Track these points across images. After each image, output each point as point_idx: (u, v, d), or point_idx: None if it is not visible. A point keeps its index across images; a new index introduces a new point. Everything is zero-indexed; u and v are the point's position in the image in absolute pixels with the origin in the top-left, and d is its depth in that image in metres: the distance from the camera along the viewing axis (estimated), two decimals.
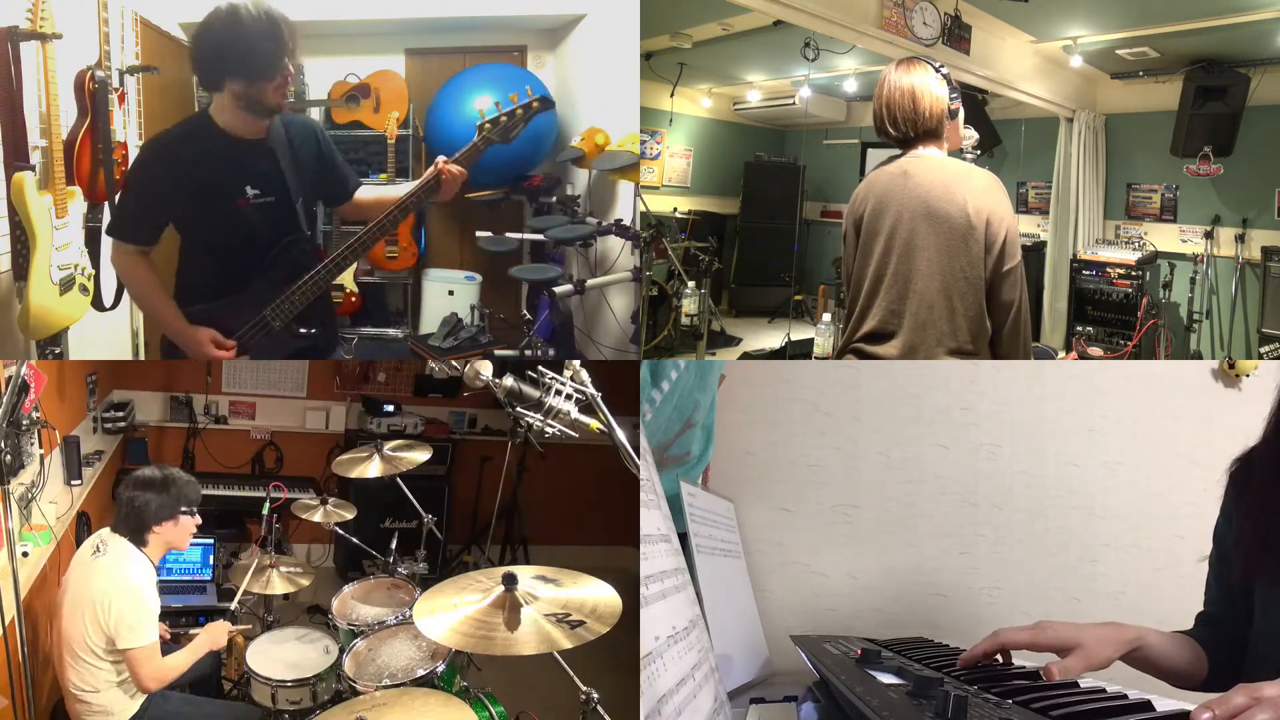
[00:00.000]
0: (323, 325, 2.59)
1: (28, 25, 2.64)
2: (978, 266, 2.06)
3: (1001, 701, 1.16)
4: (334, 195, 2.67)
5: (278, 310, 2.41)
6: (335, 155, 2.61)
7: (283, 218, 2.43)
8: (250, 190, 2.36)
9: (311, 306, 2.46)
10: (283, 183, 2.41)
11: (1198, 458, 2.98)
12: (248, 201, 2.36)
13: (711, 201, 7.99)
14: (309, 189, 2.52)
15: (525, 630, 1.73)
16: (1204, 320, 5.74)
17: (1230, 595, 1.60)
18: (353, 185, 2.66)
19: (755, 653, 2.35)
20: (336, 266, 2.42)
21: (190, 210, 2.38)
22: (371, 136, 4.99)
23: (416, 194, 2.46)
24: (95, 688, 2.31)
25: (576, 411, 1.70)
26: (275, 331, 2.44)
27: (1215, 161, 5.50)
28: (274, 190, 2.40)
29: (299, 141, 2.47)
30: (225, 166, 2.34)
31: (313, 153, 2.51)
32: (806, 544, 2.79)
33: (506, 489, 4.57)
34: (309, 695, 2.57)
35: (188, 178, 2.33)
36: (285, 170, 2.41)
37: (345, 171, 2.66)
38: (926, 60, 2.17)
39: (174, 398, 4.66)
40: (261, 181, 2.38)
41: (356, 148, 5.03)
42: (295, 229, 2.46)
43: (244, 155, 2.35)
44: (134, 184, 2.52)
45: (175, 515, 2.50)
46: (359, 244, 2.42)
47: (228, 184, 2.35)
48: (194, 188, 2.33)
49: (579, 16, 4.89)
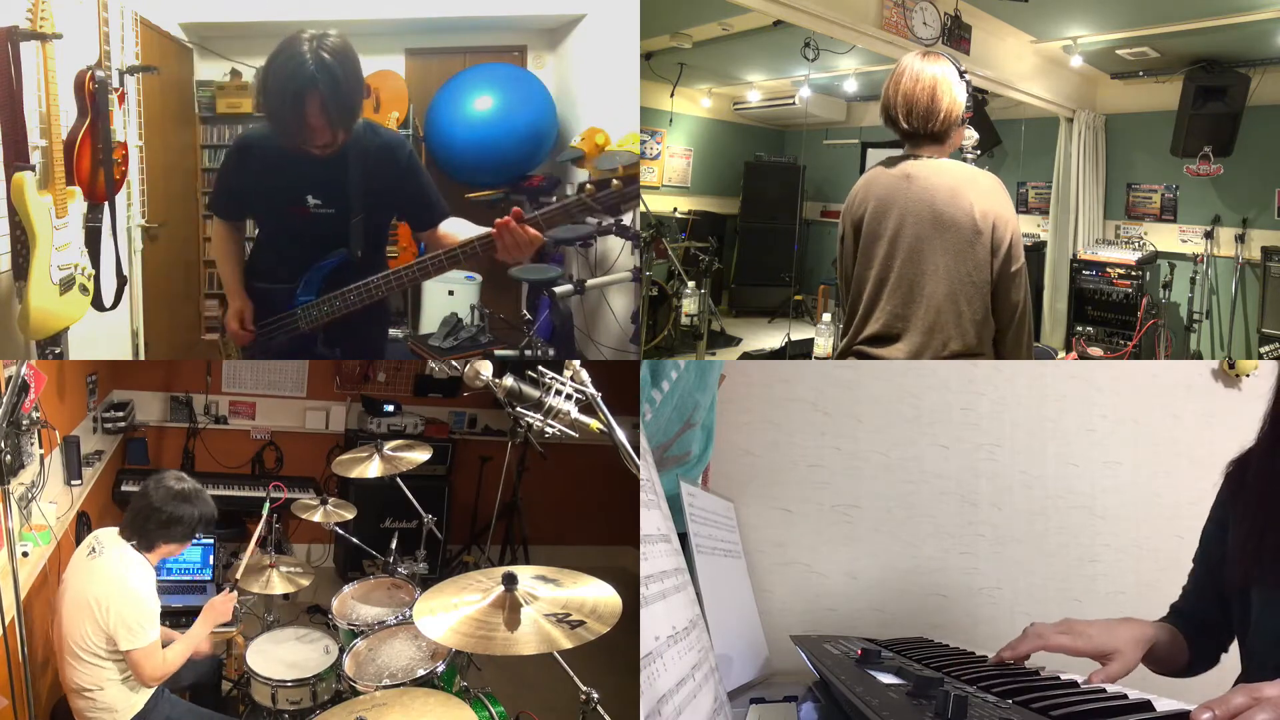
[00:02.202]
0: (351, 342, 2.64)
1: (28, 25, 2.64)
2: (984, 270, 2.06)
3: (1001, 701, 1.16)
4: (414, 219, 2.63)
5: (307, 314, 2.50)
6: (419, 179, 2.56)
7: (338, 230, 2.47)
8: (312, 200, 2.45)
9: (353, 324, 2.50)
10: (344, 196, 2.44)
11: (1198, 458, 2.98)
12: (308, 210, 2.45)
13: (711, 201, 7.99)
14: (378, 207, 2.52)
15: (525, 630, 1.73)
16: (1204, 320, 5.74)
17: (1207, 598, 1.64)
18: (438, 215, 2.57)
19: (755, 653, 2.35)
20: (376, 290, 2.42)
21: (260, 206, 2.61)
22: None
23: (466, 249, 2.30)
24: (99, 685, 2.31)
25: (576, 411, 1.70)
26: (302, 333, 2.52)
27: (1215, 161, 5.50)
28: (334, 202, 2.45)
29: (375, 158, 2.46)
30: (291, 174, 2.43)
31: (389, 172, 2.48)
32: (806, 544, 2.79)
33: (506, 489, 4.57)
34: (309, 695, 2.57)
35: (258, 178, 2.50)
36: (350, 185, 2.43)
37: (430, 198, 2.58)
38: (951, 59, 2.13)
39: (174, 398, 4.66)
40: (325, 192, 2.44)
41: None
42: (345, 243, 2.48)
43: (311, 166, 2.39)
44: (221, 171, 2.80)
45: (186, 541, 2.52)
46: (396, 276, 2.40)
47: (291, 191, 2.45)
48: (263, 188, 2.51)
49: (579, 16, 4.89)
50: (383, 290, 2.42)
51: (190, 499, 2.48)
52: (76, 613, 2.29)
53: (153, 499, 2.45)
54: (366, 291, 2.42)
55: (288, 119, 2.26)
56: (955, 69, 2.12)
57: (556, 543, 4.74)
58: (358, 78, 2.33)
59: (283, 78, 2.23)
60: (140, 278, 4.05)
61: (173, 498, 2.45)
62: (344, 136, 2.33)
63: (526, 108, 4.82)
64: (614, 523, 4.29)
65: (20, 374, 2.38)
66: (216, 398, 4.79)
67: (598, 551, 4.57)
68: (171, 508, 2.44)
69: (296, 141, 2.30)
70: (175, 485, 2.49)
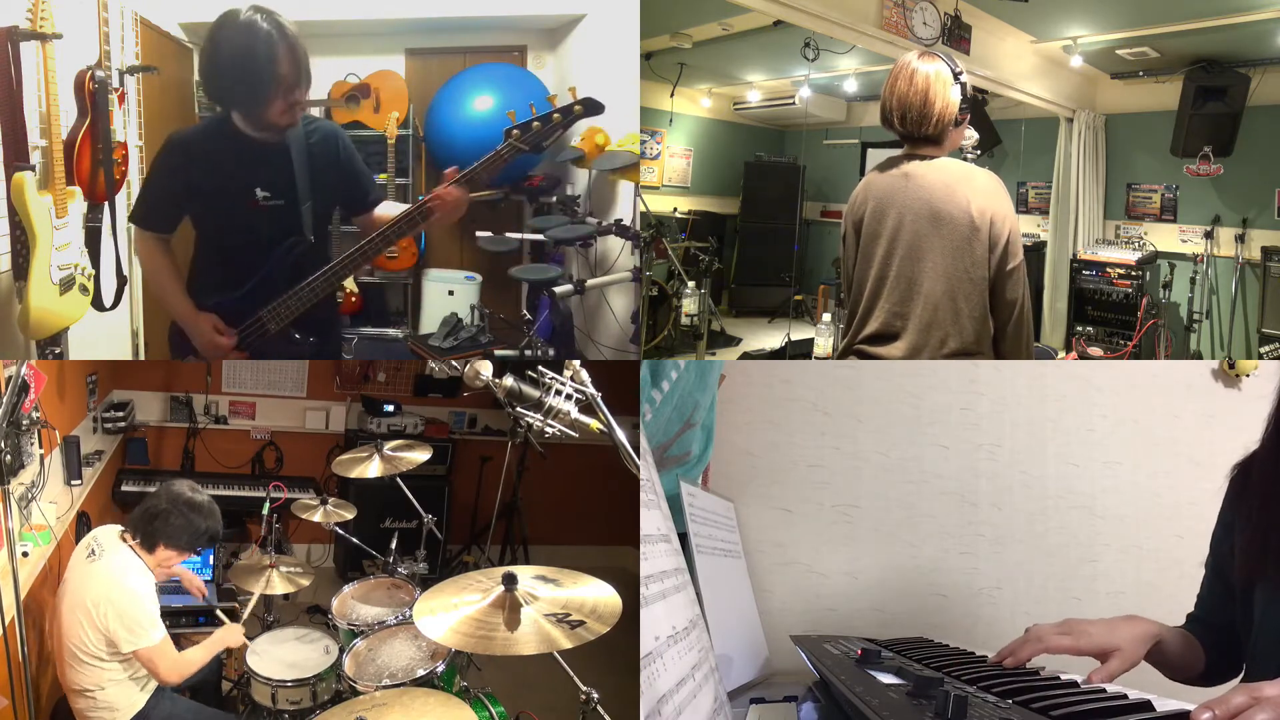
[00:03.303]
0: (322, 332, 2.61)
1: (28, 25, 2.63)
2: (982, 267, 2.06)
3: (1001, 701, 1.16)
4: (350, 204, 2.65)
5: (274, 312, 2.43)
6: (355, 164, 2.60)
7: (289, 220, 2.45)
8: (260, 192, 2.40)
9: (314, 312, 2.46)
10: (292, 185, 2.43)
11: (1198, 458, 2.98)
12: (257, 203, 2.40)
13: (711, 201, 7.99)
14: (322, 194, 2.52)
15: (525, 630, 1.73)
16: (1204, 320, 5.74)
17: (1220, 602, 1.61)
18: (373, 198, 2.63)
19: (755, 653, 2.35)
20: (334, 276, 2.41)
21: (203, 207, 2.47)
22: (371, 137, 4.99)
23: (407, 218, 2.37)
24: (99, 685, 2.31)
25: (576, 411, 1.70)
26: (271, 333, 2.46)
27: (1215, 161, 5.50)
28: (283, 193, 2.42)
29: (318, 146, 2.48)
30: (238, 168, 2.39)
31: (331, 159, 2.51)
32: (806, 544, 2.79)
33: (506, 489, 4.57)
34: (309, 695, 2.57)
35: (202, 176, 2.41)
36: (297, 173, 2.42)
37: (366, 183, 2.64)
38: (947, 61, 2.13)
39: (174, 398, 4.66)
40: (272, 184, 2.41)
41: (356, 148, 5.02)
42: (298, 231, 2.46)
43: (257, 157, 2.38)
44: (153, 176, 2.59)
45: (188, 551, 2.52)
46: (350, 259, 2.40)
47: (239, 185, 2.40)
48: (207, 186, 2.42)
49: (579, 16, 4.89)
50: (347, 270, 2.41)
51: (202, 511, 2.50)
52: (75, 615, 2.29)
53: (165, 501, 2.47)
54: (332, 275, 2.40)
55: (253, 82, 2.25)
56: (950, 70, 2.11)
57: (556, 543, 4.74)
58: (305, 51, 2.32)
59: (243, 41, 2.22)
60: (140, 278, 4.05)
61: (185, 505, 2.48)
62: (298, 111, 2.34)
63: (526, 108, 4.82)
64: (614, 523, 4.29)
65: (20, 374, 2.37)
66: (216, 398, 4.78)
67: (598, 551, 4.56)
68: (183, 513, 2.46)
69: (259, 110, 2.28)
70: (190, 494, 2.51)
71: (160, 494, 2.50)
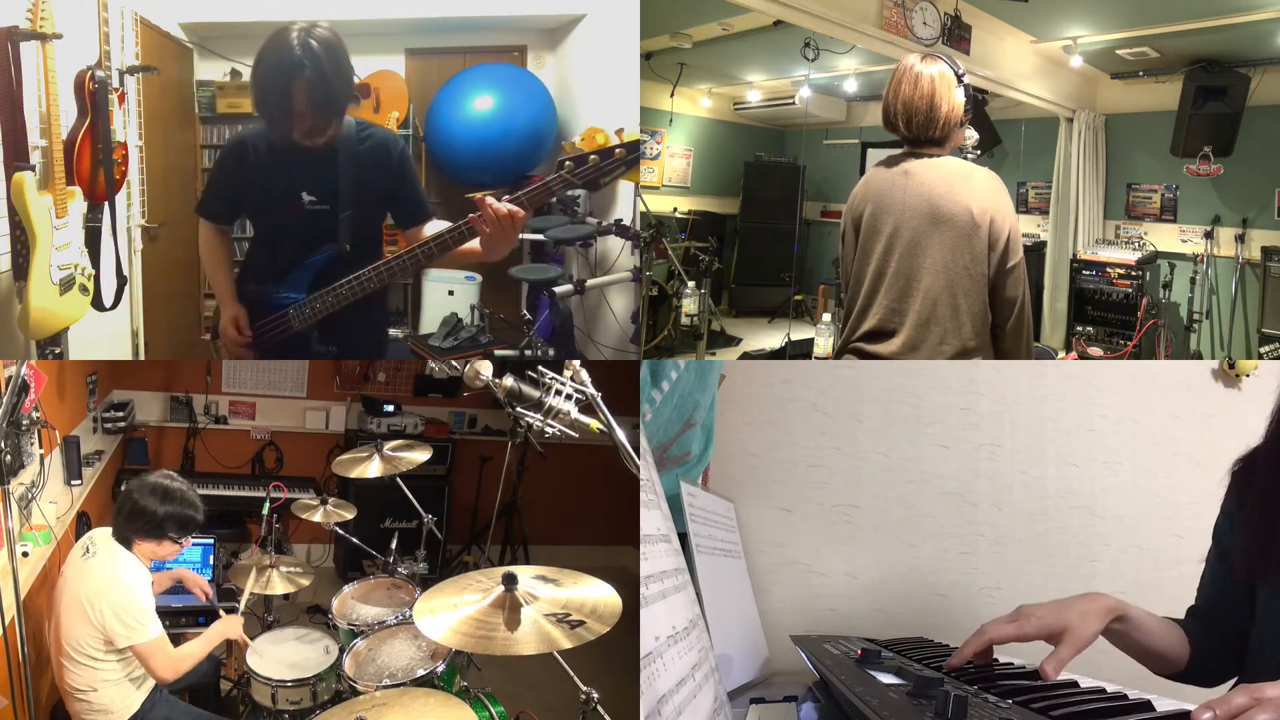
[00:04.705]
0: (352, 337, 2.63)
1: (28, 25, 2.64)
2: (981, 264, 2.06)
3: (1001, 701, 1.16)
4: (401, 217, 2.62)
5: (300, 312, 2.49)
6: (408, 177, 2.58)
7: (332, 225, 2.47)
8: (306, 196, 2.45)
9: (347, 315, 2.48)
10: (337, 192, 2.45)
11: (1198, 458, 2.98)
12: (303, 206, 2.45)
13: (711, 201, 7.99)
14: (368, 202, 2.51)
15: (525, 630, 1.73)
16: (1204, 320, 5.74)
17: (1225, 593, 1.60)
18: (423, 216, 2.59)
19: (755, 653, 2.35)
20: (360, 284, 2.41)
21: (253, 205, 2.60)
22: None
23: (447, 237, 2.30)
24: (93, 686, 2.31)
25: (576, 411, 1.70)
26: (296, 331, 2.51)
27: (1215, 161, 5.50)
28: (329, 199, 2.46)
29: (368, 154, 2.47)
30: (287, 171, 2.43)
31: (380, 167, 2.49)
32: (806, 544, 2.79)
33: (506, 489, 4.57)
34: (309, 695, 2.57)
35: (253, 177, 2.49)
36: (341, 181, 2.44)
37: (418, 198, 2.62)
38: (949, 62, 2.13)
39: (174, 398, 4.66)
40: (319, 188, 2.44)
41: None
42: (335, 240, 2.48)
43: (306, 162, 2.40)
44: (215, 172, 2.75)
45: (160, 539, 2.43)
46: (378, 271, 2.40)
47: (287, 188, 2.45)
48: (258, 187, 2.50)
49: (579, 16, 4.89)
50: (374, 282, 2.40)
51: (166, 496, 2.41)
52: (71, 613, 2.29)
53: (130, 491, 2.43)
54: (359, 284, 2.41)
55: (274, 106, 2.28)
56: (954, 72, 2.12)
57: (556, 543, 4.74)
58: (346, 66, 2.33)
59: (271, 66, 2.25)
60: (140, 278, 4.05)
61: (149, 493, 2.41)
62: (334, 128, 2.35)
63: (526, 108, 4.83)
64: (614, 523, 4.29)
65: (20, 374, 2.37)
66: (216, 398, 4.79)
67: (598, 551, 4.57)
68: (142, 501, 2.39)
69: (283, 131, 2.31)
70: (157, 481, 2.45)
71: (129, 485, 2.45)
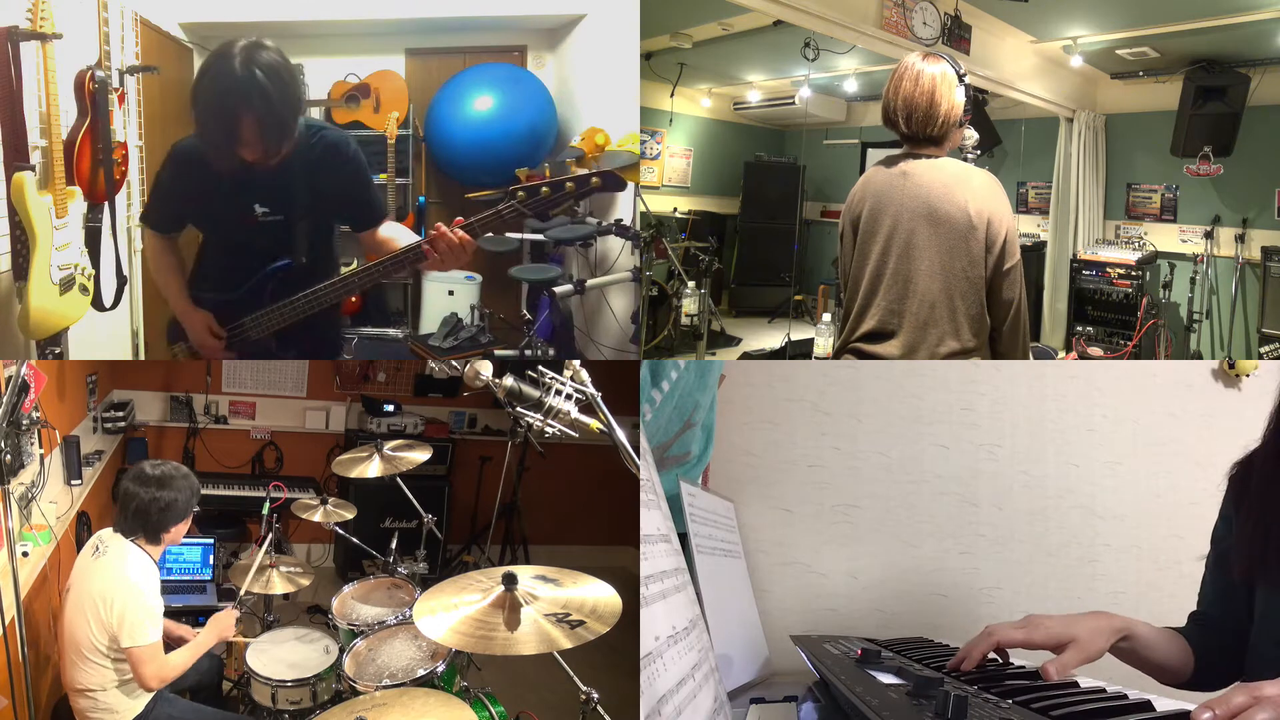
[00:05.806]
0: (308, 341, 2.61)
1: (28, 25, 2.63)
2: (979, 266, 2.06)
3: (1001, 701, 1.16)
4: (354, 221, 2.59)
5: (256, 322, 2.47)
6: (359, 176, 2.54)
7: (287, 235, 2.45)
8: (259, 208, 2.41)
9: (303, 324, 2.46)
10: (292, 202, 2.41)
11: (1198, 458, 2.98)
12: (256, 219, 2.41)
13: (711, 201, 7.99)
14: (322, 209, 2.48)
15: (525, 630, 1.73)
16: (1204, 320, 5.74)
17: (1225, 597, 1.60)
18: (376, 216, 2.58)
19: (755, 653, 2.35)
20: (316, 299, 2.41)
21: (202, 216, 2.54)
22: (371, 137, 4.99)
23: (398, 258, 2.32)
24: (102, 686, 2.31)
25: (576, 411, 1.69)
26: (253, 339, 2.50)
27: (1215, 161, 5.50)
28: (283, 209, 2.42)
29: (320, 157, 2.42)
30: (237, 185, 2.37)
31: (332, 169, 2.45)
32: (806, 544, 2.79)
33: (506, 489, 4.57)
34: (309, 695, 2.57)
35: (201, 189, 2.42)
36: (295, 190, 2.40)
37: (371, 200, 2.60)
38: (950, 62, 2.13)
39: (174, 398, 4.66)
40: (271, 200, 2.40)
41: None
42: (291, 250, 2.46)
43: (255, 175, 2.35)
44: (158, 182, 2.66)
45: (189, 513, 2.50)
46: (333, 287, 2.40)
47: (238, 201, 2.40)
48: (207, 199, 2.44)
49: (579, 16, 4.89)
50: (330, 298, 2.41)
51: (165, 481, 2.43)
52: (81, 611, 2.29)
53: (133, 491, 2.43)
54: (314, 299, 2.41)
55: (219, 134, 2.21)
56: (954, 71, 2.12)
57: (556, 543, 4.74)
58: (294, 90, 2.27)
59: (215, 94, 2.17)
60: (140, 278, 4.04)
61: (158, 483, 2.43)
62: (286, 148, 2.29)
63: (526, 108, 4.82)
64: (614, 523, 4.30)
65: (20, 374, 2.37)
66: (216, 398, 4.79)
67: (598, 551, 4.57)
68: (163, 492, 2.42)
69: (228, 157, 2.24)
70: (154, 471, 2.46)
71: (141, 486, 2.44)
